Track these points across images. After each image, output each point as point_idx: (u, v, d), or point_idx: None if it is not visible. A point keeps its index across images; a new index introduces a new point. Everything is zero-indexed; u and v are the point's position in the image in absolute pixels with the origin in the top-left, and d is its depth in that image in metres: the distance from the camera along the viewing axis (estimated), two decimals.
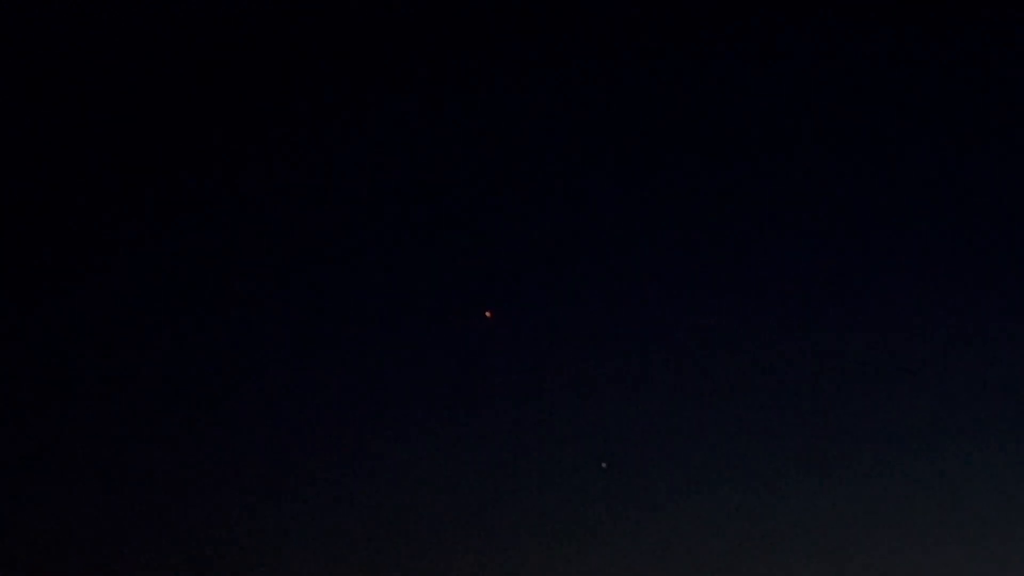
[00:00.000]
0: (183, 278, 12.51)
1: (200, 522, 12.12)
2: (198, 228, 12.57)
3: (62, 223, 12.41)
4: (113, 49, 12.29)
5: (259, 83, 12.53)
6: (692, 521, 12.29)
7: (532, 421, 12.47)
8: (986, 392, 12.40)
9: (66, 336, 12.38)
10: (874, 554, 12.08)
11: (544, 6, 12.50)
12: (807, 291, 12.67)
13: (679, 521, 12.28)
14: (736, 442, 12.50)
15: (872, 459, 12.39)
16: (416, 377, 12.59)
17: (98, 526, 12.00)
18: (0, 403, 12.12)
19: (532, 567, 12.08)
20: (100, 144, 12.45)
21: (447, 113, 12.65)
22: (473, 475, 12.35)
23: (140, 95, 12.44)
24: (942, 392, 12.45)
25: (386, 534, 12.20)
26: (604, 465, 11.73)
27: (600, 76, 12.66)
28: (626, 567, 12.08)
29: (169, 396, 12.39)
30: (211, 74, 12.45)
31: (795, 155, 12.71)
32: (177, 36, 12.35)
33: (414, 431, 12.46)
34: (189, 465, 12.29)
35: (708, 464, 12.44)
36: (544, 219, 12.69)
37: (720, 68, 12.66)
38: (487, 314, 12.32)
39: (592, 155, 12.70)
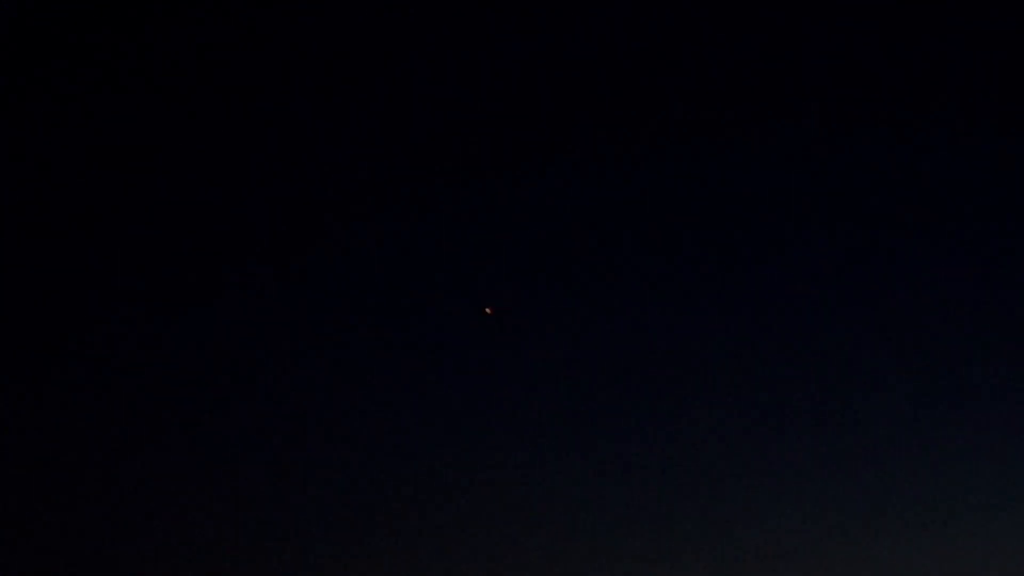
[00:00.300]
0: (183, 277, 12.55)
1: (202, 524, 12.16)
2: (196, 229, 12.62)
3: (60, 223, 12.47)
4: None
5: (255, 83, 12.59)
6: (693, 522, 12.32)
7: (530, 419, 12.53)
8: (991, 394, 12.45)
9: (65, 337, 12.42)
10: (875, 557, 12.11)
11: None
12: (813, 291, 12.71)
13: (680, 522, 12.32)
14: (738, 443, 12.53)
15: (873, 463, 12.42)
16: (414, 374, 12.66)
17: (99, 528, 12.05)
18: (1, 404, 12.18)
19: (531, 568, 12.10)
20: (99, 144, 12.51)
21: (445, 111, 12.73)
22: (470, 475, 12.39)
23: (138, 95, 12.52)
24: (946, 396, 12.49)
25: (384, 535, 12.24)
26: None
27: (601, 74, 12.70)
28: (624, 568, 12.11)
29: (168, 397, 12.44)
30: (208, 74, 12.53)
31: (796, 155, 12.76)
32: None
33: (412, 429, 12.52)
34: (190, 467, 12.36)
35: (711, 463, 12.48)
36: (544, 215, 12.76)
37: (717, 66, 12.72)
38: (487, 310, 12.35)
39: (592, 152, 12.75)
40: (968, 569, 11.92)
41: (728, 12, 12.52)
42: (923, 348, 12.53)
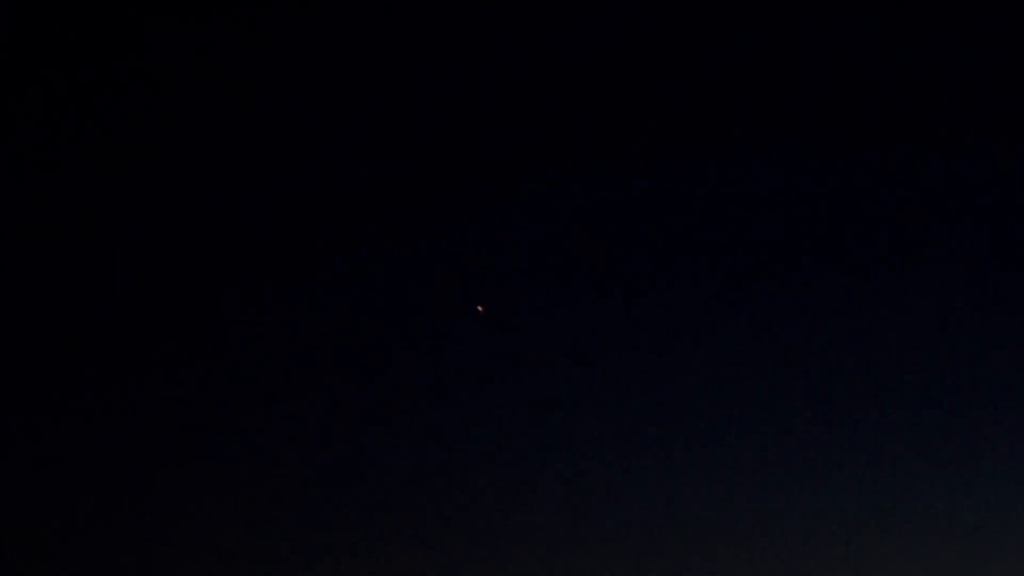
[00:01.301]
0: (182, 277, 12.56)
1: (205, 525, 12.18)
2: (196, 231, 12.63)
3: (61, 225, 12.48)
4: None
5: (252, 85, 12.60)
6: (692, 520, 12.34)
7: (529, 418, 12.54)
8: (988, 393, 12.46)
9: (67, 339, 12.44)
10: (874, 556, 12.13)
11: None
12: (813, 292, 12.72)
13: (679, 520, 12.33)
14: (738, 444, 12.55)
15: (873, 464, 12.44)
16: (412, 373, 12.66)
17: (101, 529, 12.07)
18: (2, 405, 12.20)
19: (531, 568, 12.12)
20: (99, 145, 12.52)
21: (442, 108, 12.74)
22: (468, 474, 12.40)
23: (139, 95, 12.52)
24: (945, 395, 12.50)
25: (382, 536, 12.26)
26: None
27: (601, 72, 12.71)
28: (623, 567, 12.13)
29: (168, 397, 12.45)
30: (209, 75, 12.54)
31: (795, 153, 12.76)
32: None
33: (409, 428, 12.53)
34: (190, 467, 12.37)
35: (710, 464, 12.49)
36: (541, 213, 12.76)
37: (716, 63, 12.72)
38: (479, 308, 12.35)
39: (591, 152, 12.77)
40: (968, 569, 11.96)
41: (728, 14, 12.55)
42: (922, 349, 12.57)
